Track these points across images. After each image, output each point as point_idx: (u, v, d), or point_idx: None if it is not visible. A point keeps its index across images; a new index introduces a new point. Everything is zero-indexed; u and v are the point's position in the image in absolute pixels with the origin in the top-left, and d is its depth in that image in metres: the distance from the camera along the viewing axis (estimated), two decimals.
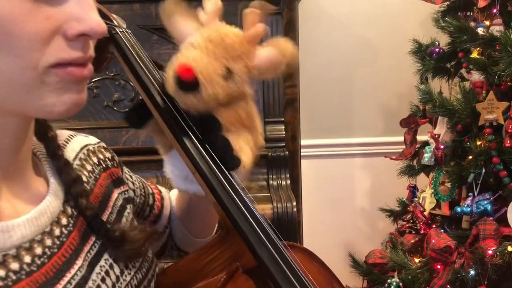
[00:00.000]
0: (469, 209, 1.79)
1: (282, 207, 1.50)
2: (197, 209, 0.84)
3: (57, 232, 0.58)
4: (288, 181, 1.62)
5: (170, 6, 0.68)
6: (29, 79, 0.51)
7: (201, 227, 0.88)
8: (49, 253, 0.55)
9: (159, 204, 0.88)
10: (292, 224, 1.50)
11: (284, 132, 1.66)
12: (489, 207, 1.75)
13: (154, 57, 1.61)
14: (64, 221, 0.59)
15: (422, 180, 2.18)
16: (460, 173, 1.81)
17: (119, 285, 0.63)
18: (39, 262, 0.54)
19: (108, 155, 0.77)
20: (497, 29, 1.77)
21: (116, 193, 0.74)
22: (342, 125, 2.57)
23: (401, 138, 2.25)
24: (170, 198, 0.92)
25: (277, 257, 0.64)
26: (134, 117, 0.72)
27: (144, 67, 0.71)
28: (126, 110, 0.72)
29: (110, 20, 0.73)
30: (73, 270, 0.57)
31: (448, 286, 1.73)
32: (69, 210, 0.61)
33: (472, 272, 1.68)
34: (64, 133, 0.73)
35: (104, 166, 0.74)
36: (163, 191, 0.92)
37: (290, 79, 1.69)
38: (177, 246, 0.91)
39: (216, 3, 0.69)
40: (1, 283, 0.50)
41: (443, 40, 2.03)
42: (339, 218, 2.61)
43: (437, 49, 2.00)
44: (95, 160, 0.73)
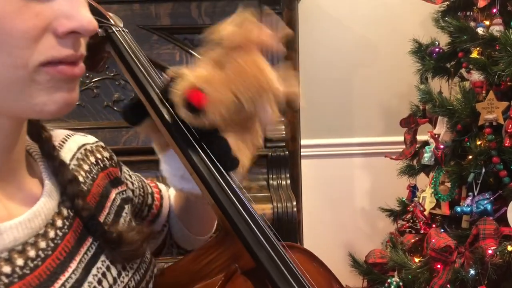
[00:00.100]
0: (469, 209, 1.79)
1: (282, 207, 1.50)
2: (195, 208, 0.83)
3: (52, 234, 0.57)
4: (288, 181, 1.62)
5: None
6: (19, 78, 0.50)
7: (200, 225, 0.88)
8: (43, 256, 0.54)
9: (158, 204, 0.87)
10: (292, 224, 1.50)
11: (284, 132, 1.66)
12: (489, 207, 1.75)
13: (154, 57, 1.61)
14: (59, 223, 0.58)
15: (422, 180, 2.18)
16: (460, 173, 1.81)
17: (116, 287, 0.62)
18: (32, 265, 0.53)
19: (106, 155, 0.76)
20: (497, 29, 1.77)
21: (114, 193, 0.73)
22: (342, 125, 2.57)
23: (401, 138, 2.25)
24: (170, 196, 0.91)
25: (276, 259, 0.63)
26: (131, 114, 0.71)
27: (141, 66, 0.70)
28: (123, 106, 0.71)
29: (107, 19, 0.72)
30: (67, 273, 0.56)
31: (448, 286, 1.73)
32: (65, 212, 0.60)
33: (472, 272, 1.68)
34: (62, 133, 0.72)
35: (102, 166, 0.73)
36: (163, 190, 0.91)
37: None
38: (177, 244, 0.90)
39: (273, 38, 0.66)
40: None
41: (443, 40, 2.03)
42: (339, 218, 2.61)
43: (437, 49, 2.00)
44: (93, 160, 0.72)
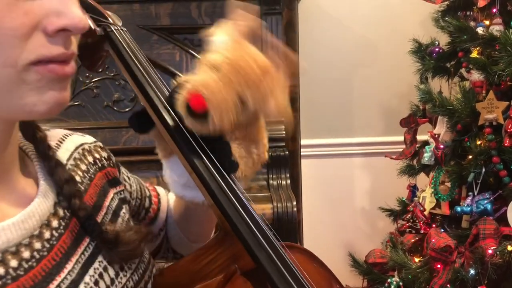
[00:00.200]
0: (469, 209, 1.79)
1: (282, 207, 1.50)
2: (194, 215, 0.82)
3: (47, 235, 0.56)
4: (288, 181, 1.62)
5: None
6: (8, 77, 0.49)
7: (198, 233, 0.87)
8: (38, 257, 0.54)
9: (155, 207, 0.86)
10: (292, 224, 1.50)
11: (284, 132, 1.66)
12: (489, 207, 1.76)
13: (154, 57, 1.61)
14: (55, 224, 0.58)
15: (422, 180, 2.18)
16: (460, 173, 1.81)
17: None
18: (27, 266, 0.52)
19: (105, 155, 0.75)
20: (497, 29, 1.78)
21: (112, 193, 0.72)
22: (342, 125, 2.57)
23: (401, 138, 2.25)
24: (169, 201, 0.90)
25: (276, 259, 0.63)
26: (137, 123, 0.70)
27: (140, 65, 0.70)
28: (130, 116, 0.71)
29: (106, 18, 0.72)
30: (63, 274, 0.55)
31: (448, 286, 1.73)
32: (61, 212, 0.59)
33: (472, 272, 1.68)
34: (59, 133, 0.71)
35: (100, 166, 0.72)
36: (161, 194, 0.90)
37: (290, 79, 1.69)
38: (173, 249, 0.89)
39: (255, 22, 0.65)
40: None
41: (443, 40, 2.02)
42: (339, 218, 2.61)
43: (437, 49, 2.00)
44: (91, 160, 0.71)
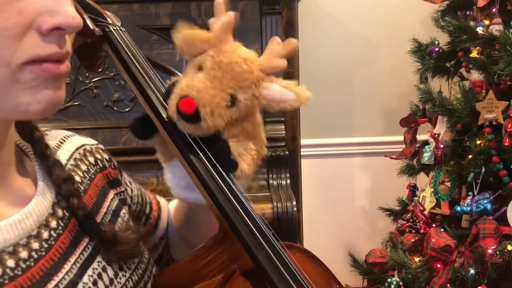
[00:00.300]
0: (469, 208, 1.79)
1: (282, 207, 1.50)
2: (196, 219, 0.82)
3: (45, 235, 0.56)
4: (288, 181, 1.62)
5: (185, 31, 0.64)
6: (2, 77, 0.48)
7: (199, 240, 0.85)
8: (36, 257, 0.54)
9: (156, 214, 0.86)
10: (292, 224, 1.49)
11: (284, 132, 1.66)
12: (489, 206, 1.76)
13: (154, 57, 1.61)
14: (53, 224, 0.58)
15: (422, 180, 2.18)
16: (460, 172, 1.81)
17: None
18: (24, 266, 0.52)
19: (106, 157, 0.75)
20: (497, 29, 1.77)
21: (112, 194, 0.72)
22: (342, 125, 2.57)
23: (401, 138, 2.25)
24: (169, 210, 0.90)
25: (275, 259, 0.63)
26: (139, 129, 0.70)
27: (139, 65, 0.70)
28: (131, 122, 0.71)
29: (104, 18, 0.72)
30: (61, 274, 0.55)
31: (448, 285, 1.73)
32: (60, 212, 0.59)
33: (472, 271, 1.68)
34: (61, 133, 0.71)
35: (101, 166, 0.73)
36: (162, 202, 0.90)
37: (290, 79, 1.68)
38: (173, 259, 0.89)
39: (229, 17, 0.64)
40: None
41: (443, 40, 2.02)
42: (339, 218, 2.61)
43: (437, 49, 2.00)
44: (92, 160, 0.71)
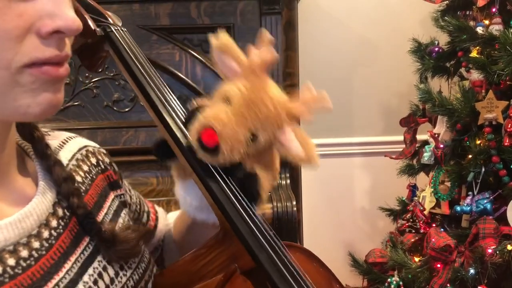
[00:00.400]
0: (469, 208, 1.79)
1: (282, 207, 1.50)
2: (198, 234, 0.81)
3: (46, 235, 0.56)
4: (288, 181, 1.62)
5: (223, 40, 0.64)
6: (2, 80, 0.49)
7: None
8: (36, 256, 0.54)
9: (153, 224, 0.86)
10: (292, 224, 1.49)
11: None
12: (489, 206, 1.75)
13: (154, 57, 1.61)
14: (54, 223, 0.58)
15: (422, 179, 2.18)
16: (460, 172, 1.81)
17: (114, 287, 0.62)
18: (25, 265, 0.52)
19: (107, 160, 0.76)
20: (496, 28, 1.77)
21: (113, 195, 0.73)
22: (342, 125, 2.57)
23: (401, 137, 2.25)
24: (168, 221, 0.90)
25: (275, 258, 0.63)
26: (160, 151, 0.70)
27: (140, 66, 0.70)
28: (153, 145, 0.71)
29: (105, 18, 0.72)
30: (62, 273, 0.56)
31: (448, 285, 1.73)
32: (60, 212, 0.60)
33: (472, 271, 1.68)
34: (64, 134, 0.72)
35: (103, 168, 0.73)
36: (160, 213, 0.90)
37: (290, 79, 1.69)
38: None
39: (273, 57, 0.64)
40: None
41: (443, 39, 2.02)
42: (339, 217, 2.61)
43: (437, 48, 2.00)
44: (94, 161, 0.72)
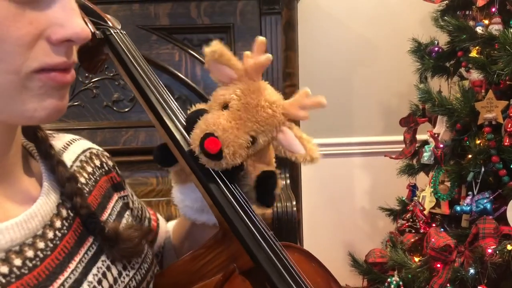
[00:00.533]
0: (469, 208, 1.79)
1: (282, 207, 1.50)
2: (198, 237, 0.81)
3: (51, 235, 0.57)
4: (288, 181, 1.62)
5: (217, 48, 0.65)
6: (11, 84, 0.50)
7: None
8: (42, 256, 0.55)
9: (154, 231, 0.87)
10: (292, 224, 1.49)
11: None
12: (489, 206, 1.75)
13: (153, 57, 1.61)
14: (58, 224, 0.59)
15: (422, 179, 2.18)
16: (460, 172, 1.81)
17: (117, 287, 0.62)
18: (31, 265, 0.53)
19: (111, 163, 0.77)
20: (496, 28, 1.77)
21: (116, 196, 0.74)
22: (342, 125, 2.57)
23: (401, 137, 2.25)
24: (168, 229, 0.90)
25: (274, 259, 0.64)
26: (160, 156, 0.71)
27: (139, 68, 0.71)
28: (155, 151, 0.72)
29: (105, 21, 0.73)
30: (67, 273, 0.57)
31: (448, 285, 1.73)
32: (64, 213, 0.61)
33: (472, 271, 1.68)
34: (68, 137, 0.73)
35: (106, 169, 0.75)
36: (161, 221, 0.91)
37: (290, 79, 1.69)
38: None
39: (267, 59, 0.65)
40: None
41: (442, 39, 2.02)
42: (339, 217, 2.61)
43: (436, 48, 2.00)
44: (97, 163, 0.73)
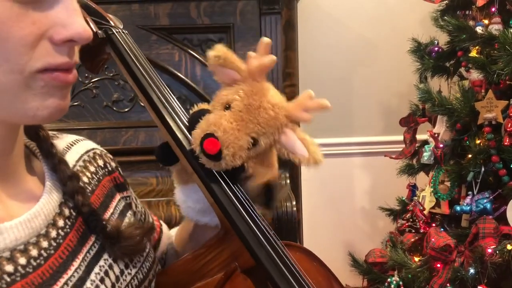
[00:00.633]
0: (469, 208, 1.79)
1: (282, 207, 1.50)
2: (200, 239, 0.80)
3: (54, 234, 0.58)
4: (288, 181, 1.62)
5: (221, 53, 0.65)
6: (15, 83, 0.51)
7: None
8: (46, 255, 0.56)
9: (156, 237, 0.87)
10: (292, 224, 1.49)
11: None
12: (489, 206, 1.75)
13: (153, 57, 1.61)
14: (61, 223, 0.60)
15: (422, 179, 2.18)
16: (460, 172, 1.81)
17: (119, 285, 0.63)
18: (35, 264, 0.54)
19: (114, 164, 0.77)
20: (496, 28, 1.77)
21: (119, 196, 0.74)
22: (342, 124, 2.57)
23: (401, 137, 2.25)
24: (170, 234, 0.91)
25: (275, 257, 0.64)
26: (161, 155, 0.71)
27: (141, 67, 0.71)
28: (156, 149, 0.72)
29: (107, 21, 0.73)
30: (70, 271, 0.57)
31: (448, 285, 1.72)
32: (67, 212, 0.61)
33: (472, 271, 1.68)
34: (71, 137, 0.74)
35: (110, 170, 0.75)
36: (164, 227, 0.91)
37: (290, 79, 1.69)
38: None
39: (271, 60, 0.65)
40: None
41: (442, 39, 2.03)
42: (339, 217, 2.61)
43: (436, 48, 2.00)
44: (101, 163, 0.74)
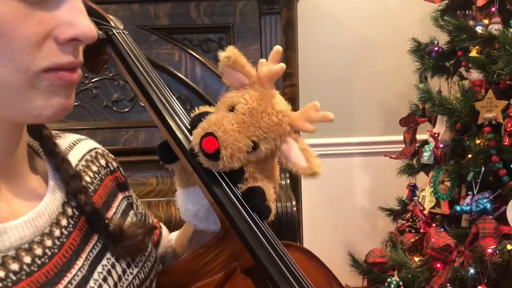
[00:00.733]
0: (469, 208, 1.79)
1: (282, 207, 1.50)
2: (201, 242, 0.80)
3: (57, 233, 0.59)
4: (288, 181, 1.62)
5: (231, 54, 0.65)
6: (20, 82, 0.51)
7: None
8: (50, 254, 0.56)
9: (156, 239, 0.87)
10: (292, 224, 1.49)
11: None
12: (489, 206, 1.75)
13: (153, 57, 1.61)
14: (64, 222, 0.60)
15: (422, 179, 2.18)
16: (460, 172, 1.81)
17: (121, 284, 0.63)
18: (40, 263, 0.55)
19: (115, 164, 0.78)
20: (496, 28, 1.78)
21: (121, 196, 0.75)
22: (342, 124, 2.57)
23: (401, 137, 2.25)
24: (170, 237, 0.91)
25: (275, 257, 0.64)
26: (161, 153, 0.71)
27: (142, 68, 0.72)
28: (158, 146, 0.72)
29: (107, 21, 0.73)
30: (74, 270, 0.58)
31: (448, 285, 1.73)
32: (70, 211, 0.62)
33: (472, 271, 1.68)
34: (73, 136, 0.74)
35: (112, 169, 0.76)
36: (164, 229, 0.91)
37: (290, 79, 1.69)
38: None
39: (281, 69, 0.66)
40: (0, 284, 0.50)
41: (442, 39, 2.03)
42: (339, 217, 2.61)
43: (436, 48, 2.00)
44: (103, 163, 0.74)
